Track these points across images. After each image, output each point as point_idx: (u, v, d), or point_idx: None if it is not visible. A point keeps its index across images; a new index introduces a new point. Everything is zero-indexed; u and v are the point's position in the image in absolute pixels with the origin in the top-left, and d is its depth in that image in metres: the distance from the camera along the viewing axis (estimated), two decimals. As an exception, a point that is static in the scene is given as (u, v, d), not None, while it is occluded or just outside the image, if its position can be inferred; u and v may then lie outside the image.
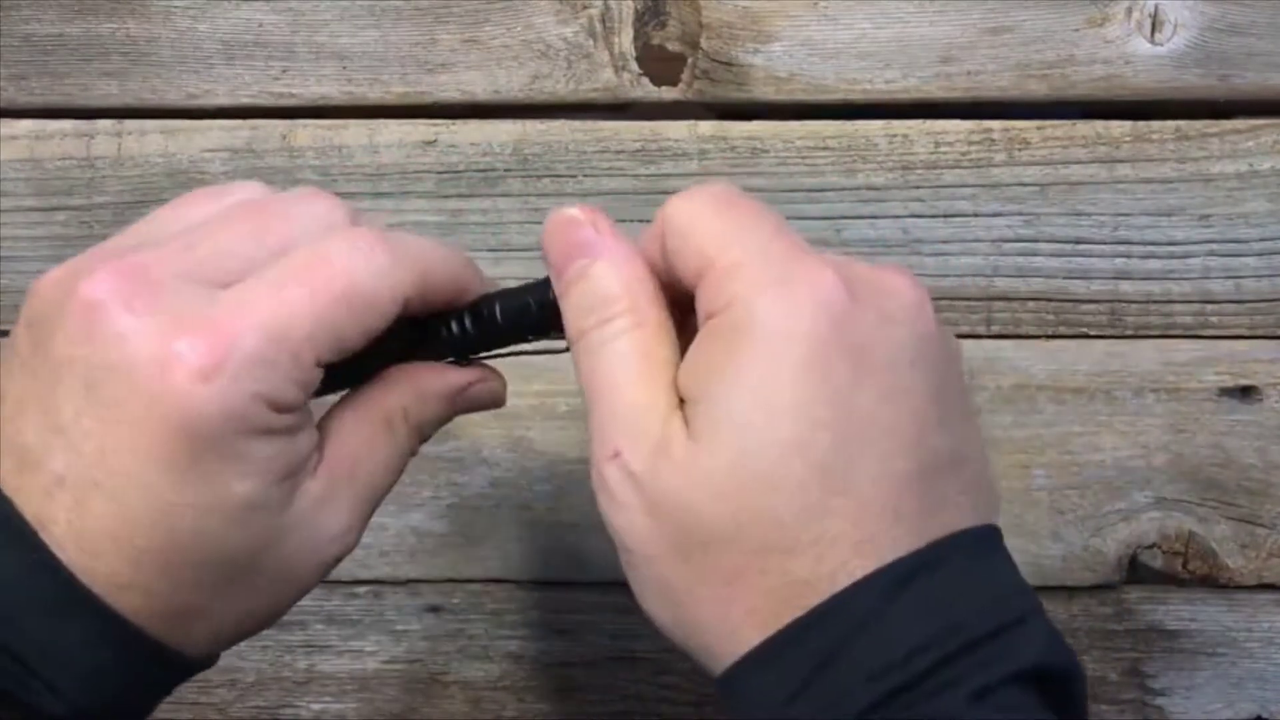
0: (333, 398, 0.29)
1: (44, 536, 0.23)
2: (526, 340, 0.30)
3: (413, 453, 0.30)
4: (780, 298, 0.24)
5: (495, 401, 0.31)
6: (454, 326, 0.30)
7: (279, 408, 0.24)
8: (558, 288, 0.28)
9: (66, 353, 0.24)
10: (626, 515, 0.25)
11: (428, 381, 0.29)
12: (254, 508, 0.25)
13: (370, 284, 0.26)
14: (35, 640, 0.23)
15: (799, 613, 0.23)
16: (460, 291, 0.29)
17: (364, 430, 0.28)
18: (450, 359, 0.30)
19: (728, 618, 0.24)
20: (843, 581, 0.23)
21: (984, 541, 0.25)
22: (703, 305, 0.25)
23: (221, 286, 0.25)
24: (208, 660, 0.27)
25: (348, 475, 0.28)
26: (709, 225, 0.26)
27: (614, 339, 0.26)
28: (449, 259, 0.28)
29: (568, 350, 0.29)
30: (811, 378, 0.24)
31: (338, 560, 0.28)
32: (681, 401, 0.26)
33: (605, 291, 0.26)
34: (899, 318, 0.25)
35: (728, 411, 0.24)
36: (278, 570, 0.26)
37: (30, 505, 0.24)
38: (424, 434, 0.30)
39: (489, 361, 0.32)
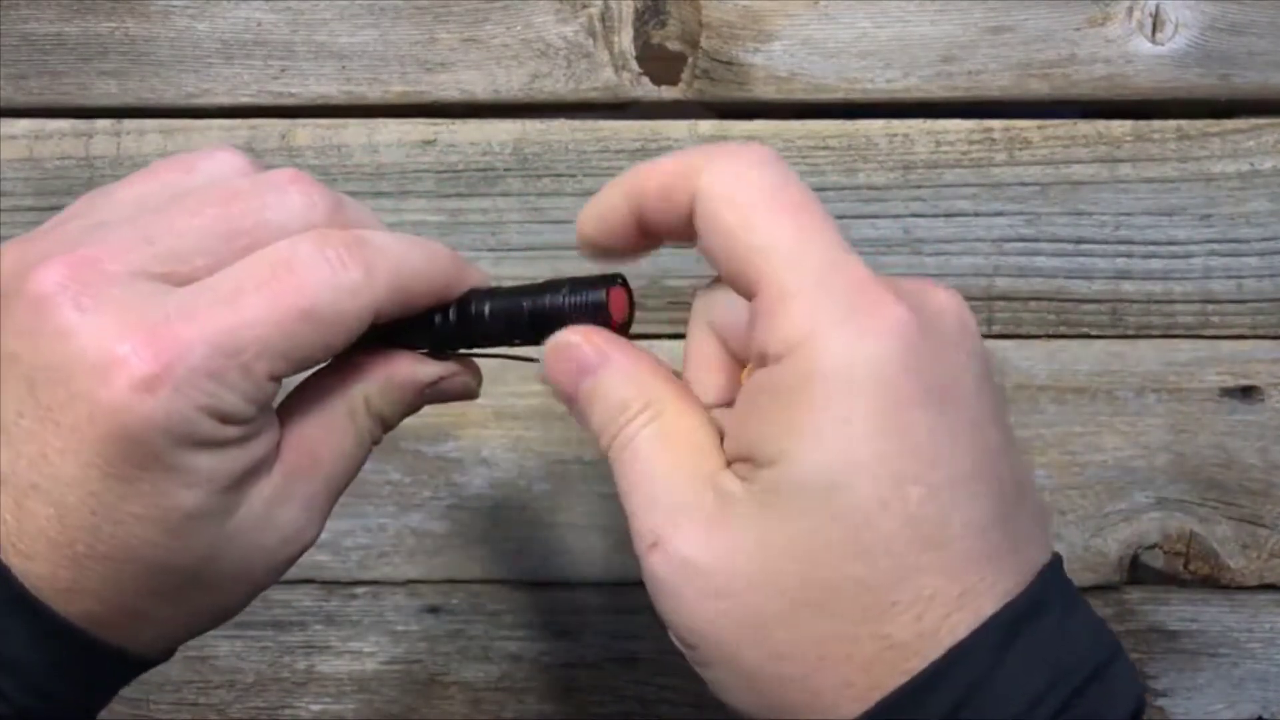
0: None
1: None
2: (513, 344, 0.28)
3: (375, 441, 0.29)
4: (851, 341, 0.21)
5: (466, 395, 0.30)
6: (437, 319, 0.28)
7: (226, 420, 0.23)
8: (574, 413, 0.27)
9: (11, 347, 0.23)
10: (685, 606, 0.23)
11: (398, 371, 0.28)
12: (199, 518, 0.24)
13: (336, 301, 0.24)
14: None
15: (904, 678, 0.21)
16: (443, 294, 0.28)
17: (324, 420, 0.27)
18: (426, 349, 0.29)
19: (821, 695, 0.22)
20: (948, 640, 0.21)
21: (1060, 572, 0.24)
22: (756, 337, 0.23)
23: (179, 284, 0.24)
24: (161, 656, 0.27)
25: (305, 470, 0.26)
26: (760, 228, 0.23)
27: (635, 435, 0.25)
28: (429, 266, 0.27)
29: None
30: (893, 429, 0.21)
31: (295, 557, 0.27)
32: (729, 463, 0.24)
33: (618, 398, 0.25)
34: (957, 341, 0.23)
35: (803, 473, 0.22)
36: (228, 574, 0.25)
37: None
38: (387, 424, 0.29)
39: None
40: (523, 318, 0.27)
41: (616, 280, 0.28)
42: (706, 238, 0.24)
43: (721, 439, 0.25)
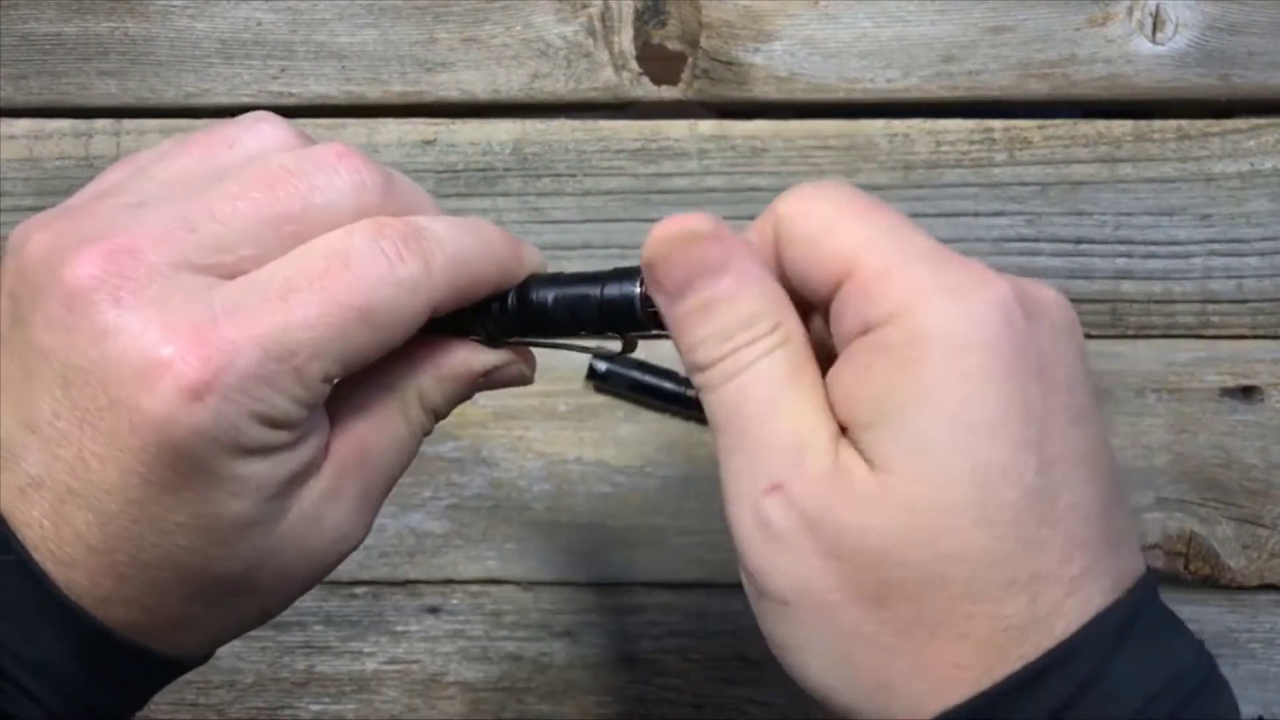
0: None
1: (21, 538, 0.22)
2: (578, 335, 0.27)
3: (426, 433, 0.27)
4: (957, 305, 0.21)
5: (521, 382, 0.29)
6: (495, 308, 0.26)
7: (276, 425, 0.22)
8: (672, 309, 0.23)
9: (45, 341, 0.21)
10: (793, 558, 0.22)
11: (452, 361, 0.26)
12: (247, 526, 0.23)
13: (393, 299, 0.23)
14: (11, 646, 0.22)
15: (1016, 665, 0.20)
16: (501, 281, 0.26)
17: (376, 415, 0.25)
18: (479, 336, 0.27)
19: (927, 674, 0.21)
20: (1061, 628, 0.20)
21: (1155, 584, 0.23)
22: (851, 316, 0.22)
23: (225, 276, 0.22)
24: (202, 659, 0.26)
25: (356, 466, 0.25)
26: (846, 228, 0.22)
27: (760, 359, 0.22)
28: (487, 255, 0.25)
29: (622, 353, 0.27)
30: (1007, 393, 0.20)
31: (345, 556, 0.26)
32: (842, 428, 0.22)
33: (746, 312, 0.23)
34: (1064, 332, 0.22)
35: (920, 434, 0.20)
36: (275, 579, 0.24)
37: (5, 500, 0.22)
38: (439, 414, 0.27)
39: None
40: (591, 310, 0.25)
41: None
42: (791, 253, 0.23)
43: None
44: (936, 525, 0.20)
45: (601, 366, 0.46)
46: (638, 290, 0.25)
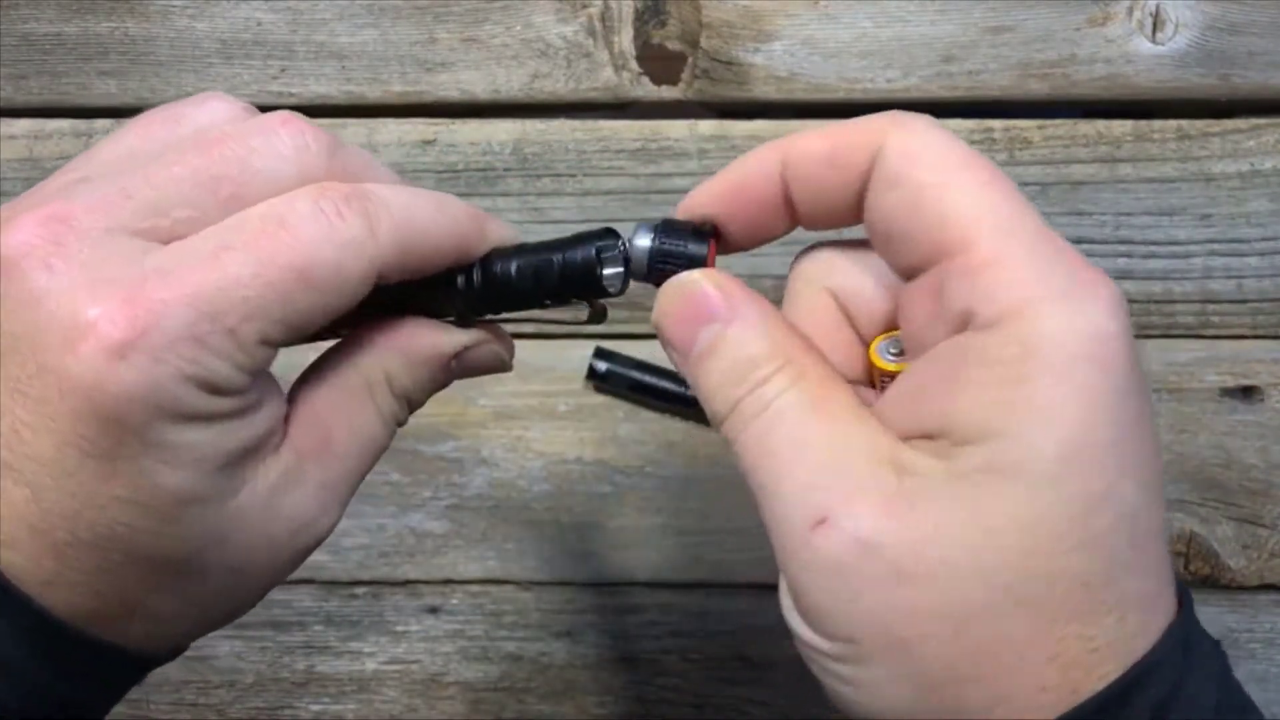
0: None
1: None
2: (543, 306, 0.26)
3: (400, 423, 0.26)
4: (1076, 316, 0.20)
5: (498, 366, 0.27)
6: (460, 281, 0.25)
7: (215, 390, 0.21)
8: (686, 366, 0.23)
9: None
10: (859, 592, 0.20)
11: (418, 342, 0.25)
12: (190, 501, 0.21)
13: (334, 258, 0.22)
14: None
15: (1100, 684, 0.20)
16: (461, 253, 0.25)
17: (339, 398, 0.25)
18: (451, 318, 0.27)
19: (1009, 699, 0.20)
20: (1140, 647, 0.20)
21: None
22: (951, 300, 0.21)
23: (163, 240, 0.22)
24: (168, 655, 0.25)
25: (318, 452, 0.24)
26: (961, 192, 0.21)
27: (778, 396, 0.22)
28: (440, 220, 0.24)
29: (589, 321, 0.26)
30: (1119, 416, 0.20)
31: (310, 549, 0.25)
32: (909, 439, 0.22)
33: (750, 353, 0.22)
34: (1129, 329, 0.21)
35: (1029, 455, 0.19)
36: (232, 565, 0.23)
37: None
38: (414, 401, 0.26)
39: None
40: (553, 274, 0.25)
41: (707, 231, 0.25)
42: (891, 197, 0.22)
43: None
44: (1032, 547, 0.20)
45: (601, 366, 0.46)
46: (594, 250, 0.24)
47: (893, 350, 0.24)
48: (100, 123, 0.46)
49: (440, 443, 0.47)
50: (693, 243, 0.24)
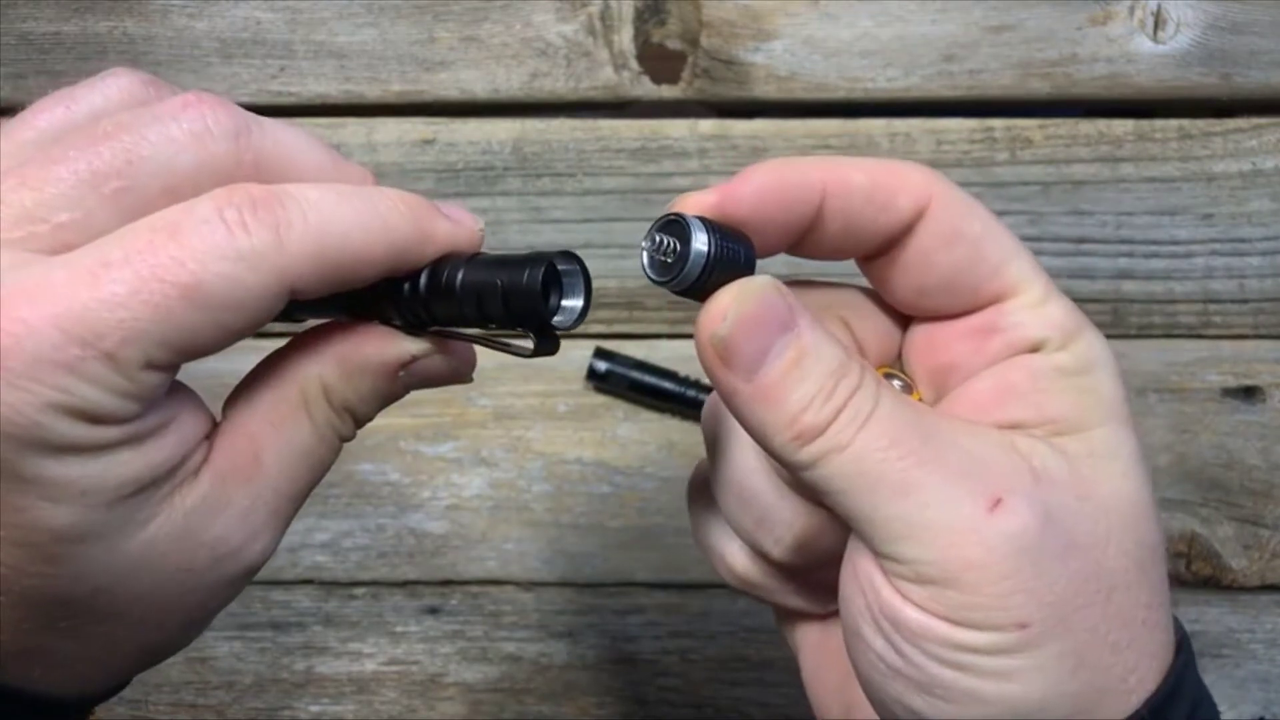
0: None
1: None
2: (487, 326, 0.23)
3: (345, 438, 0.24)
4: (1101, 339, 0.24)
5: (453, 378, 0.25)
6: (406, 289, 0.23)
7: (94, 420, 0.19)
8: (753, 385, 0.21)
9: None
10: (1040, 567, 0.21)
11: (361, 350, 0.23)
12: (78, 540, 0.19)
13: (230, 274, 0.19)
14: None
15: (1159, 679, 0.22)
16: (395, 260, 0.22)
17: (270, 413, 0.22)
18: (400, 324, 0.24)
19: (1138, 667, 0.22)
20: (1170, 639, 0.23)
21: None
22: (1020, 329, 0.24)
23: (47, 250, 0.19)
24: (105, 693, 0.23)
25: (243, 474, 0.22)
26: (1003, 239, 0.24)
27: (879, 401, 0.21)
28: (370, 224, 0.21)
29: (535, 353, 0.23)
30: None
31: (242, 575, 0.22)
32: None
33: (833, 360, 0.21)
34: None
35: (1119, 440, 0.23)
36: (146, 602, 0.21)
37: None
38: (358, 414, 0.23)
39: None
40: (496, 295, 0.22)
41: (747, 237, 0.23)
42: (952, 250, 0.23)
43: None
44: (1138, 517, 0.22)
45: (601, 366, 0.46)
46: (540, 278, 0.21)
47: (899, 383, 0.25)
48: (99, 122, 0.46)
49: (440, 443, 0.47)
50: (745, 247, 0.22)
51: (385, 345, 0.23)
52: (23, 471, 0.19)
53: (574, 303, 0.22)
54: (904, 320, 0.26)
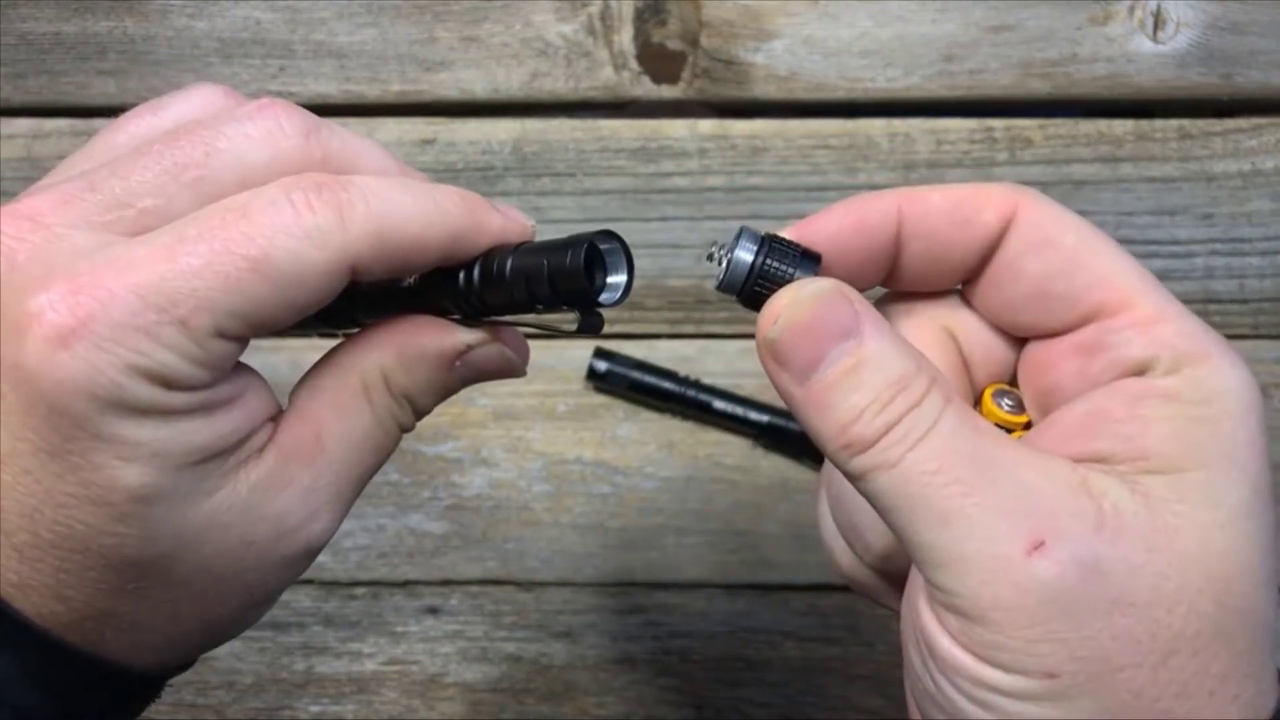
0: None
1: None
2: (535, 310, 0.24)
3: (405, 427, 0.25)
4: (1242, 371, 0.22)
5: (508, 370, 0.26)
6: (462, 279, 0.24)
7: (167, 384, 0.20)
8: (808, 389, 0.21)
9: None
10: (1078, 619, 0.19)
11: (419, 340, 0.24)
12: (149, 500, 0.20)
13: (295, 250, 0.21)
14: None
15: None
16: (452, 248, 0.23)
17: (333, 399, 0.24)
18: (458, 316, 0.25)
19: None
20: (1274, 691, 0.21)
21: None
22: (1123, 350, 0.22)
23: (130, 231, 0.21)
24: (176, 668, 0.24)
25: (306, 454, 0.23)
26: (1108, 256, 0.22)
27: (940, 418, 0.21)
28: (429, 212, 0.23)
29: (579, 332, 0.24)
30: (1267, 458, 0.21)
31: (302, 554, 0.23)
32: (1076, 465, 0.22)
33: (899, 370, 0.21)
34: None
35: (1224, 490, 0.20)
36: (211, 570, 0.22)
37: None
38: (418, 404, 0.25)
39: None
40: (542, 277, 0.23)
41: (816, 257, 0.23)
42: (1042, 259, 0.23)
43: None
44: (1229, 576, 0.20)
45: (601, 366, 0.46)
46: (582, 256, 0.22)
47: (1009, 402, 0.24)
48: (99, 122, 0.46)
49: (440, 443, 0.47)
50: (801, 268, 0.22)
51: (441, 335, 0.24)
52: (102, 430, 0.20)
53: (618, 279, 0.23)
54: (1021, 337, 0.25)
